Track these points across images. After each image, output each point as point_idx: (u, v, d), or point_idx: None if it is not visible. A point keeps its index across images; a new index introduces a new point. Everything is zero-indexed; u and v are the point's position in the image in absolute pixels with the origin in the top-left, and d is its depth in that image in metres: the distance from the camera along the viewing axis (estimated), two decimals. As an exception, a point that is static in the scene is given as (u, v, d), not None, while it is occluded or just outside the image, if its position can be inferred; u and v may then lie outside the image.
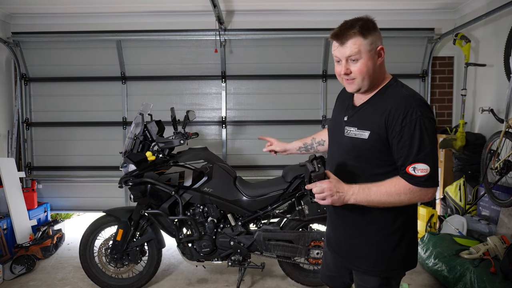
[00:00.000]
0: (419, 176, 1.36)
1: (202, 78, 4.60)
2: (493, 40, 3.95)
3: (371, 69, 1.44)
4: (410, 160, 1.37)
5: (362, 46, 1.42)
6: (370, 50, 1.42)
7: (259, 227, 3.07)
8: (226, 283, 3.30)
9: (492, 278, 2.65)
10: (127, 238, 3.08)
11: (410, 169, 1.36)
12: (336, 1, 4.28)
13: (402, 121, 1.37)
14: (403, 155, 1.38)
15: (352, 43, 1.42)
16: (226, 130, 4.60)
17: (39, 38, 4.46)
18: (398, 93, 1.44)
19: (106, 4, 4.27)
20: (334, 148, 1.64)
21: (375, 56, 1.44)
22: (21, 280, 3.40)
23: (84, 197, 4.68)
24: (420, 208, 4.25)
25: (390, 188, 1.39)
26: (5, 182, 3.94)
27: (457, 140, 3.92)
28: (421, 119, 1.36)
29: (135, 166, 2.94)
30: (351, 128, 1.50)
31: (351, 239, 1.60)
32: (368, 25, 1.44)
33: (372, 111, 1.46)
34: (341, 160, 1.55)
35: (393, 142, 1.40)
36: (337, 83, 5.20)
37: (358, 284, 1.63)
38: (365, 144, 1.45)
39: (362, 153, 1.47)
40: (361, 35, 1.42)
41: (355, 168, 1.51)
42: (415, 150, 1.36)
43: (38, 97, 4.65)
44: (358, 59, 1.43)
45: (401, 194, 1.39)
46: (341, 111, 1.63)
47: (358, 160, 1.49)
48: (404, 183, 1.39)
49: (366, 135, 1.44)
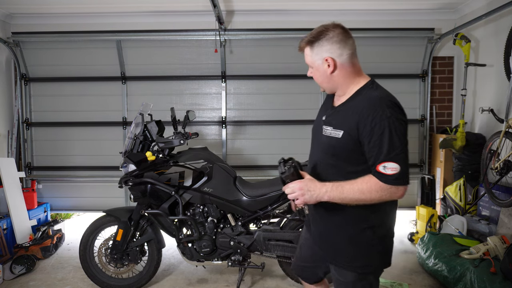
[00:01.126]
0: (389, 175, 1.40)
1: (202, 78, 4.61)
2: (493, 40, 3.95)
3: (323, 77, 1.56)
4: (381, 159, 1.41)
5: (309, 57, 1.58)
6: (316, 60, 1.55)
7: (259, 227, 3.07)
8: (226, 283, 3.30)
9: (492, 278, 2.65)
10: (127, 238, 3.08)
11: (380, 167, 1.41)
12: (336, 1, 4.28)
13: (372, 121, 1.41)
14: (373, 154, 1.42)
15: (305, 53, 1.60)
16: (226, 130, 4.60)
17: (39, 38, 4.47)
18: (370, 95, 1.49)
19: (106, 4, 4.27)
20: (314, 146, 1.70)
21: (323, 66, 1.54)
22: (21, 280, 3.40)
23: (84, 197, 4.69)
24: (420, 208, 4.26)
25: (362, 186, 1.44)
26: (5, 182, 3.94)
27: (457, 140, 3.92)
28: (391, 120, 1.40)
29: (135, 166, 2.94)
30: (327, 127, 1.57)
31: (329, 235, 1.65)
32: (318, 36, 1.54)
33: (346, 112, 1.52)
34: (319, 158, 1.62)
35: (364, 141, 1.44)
36: (337, 83, 5.06)
37: (336, 278, 1.67)
38: (339, 143, 1.50)
39: (337, 151, 1.52)
40: (308, 46, 1.57)
41: (331, 166, 1.57)
42: (385, 149, 1.40)
43: (38, 97, 4.65)
44: (312, 67, 1.59)
45: (372, 191, 1.43)
46: (322, 111, 1.70)
47: (333, 158, 1.55)
48: (376, 181, 1.43)
49: (340, 134, 1.49)
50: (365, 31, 4.45)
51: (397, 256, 3.88)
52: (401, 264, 3.67)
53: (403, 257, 3.87)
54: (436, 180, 4.53)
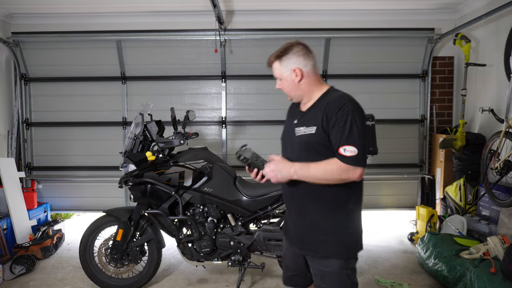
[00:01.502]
0: (348, 156, 1.62)
1: (202, 78, 4.61)
2: (493, 40, 3.95)
3: (291, 85, 1.81)
4: (342, 143, 1.63)
5: (278, 70, 1.81)
6: (285, 71, 1.79)
7: (259, 227, 3.07)
8: (226, 283, 3.30)
9: (492, 278, 2.65)
10: (127, 238, 3.08)
11: (341, 150, 1.63)
12: (336, 1, 4.28)
13: (336, 113, 1.66)
14: (337, 139, 1.65)
15: (274, 68, 1.83)
16: (226, 130, 4.60)
17: (39, 38, 4.47)
18: (334, 95, 1.78)
19: (106, 4, 4.27)
20: (288, 150, 1.87)
21: (291, 76, 1.79)
22: (21, 280, 3.40)
23: (84, 197, 4.68)
24: (420, 208, 4.26)
25: (326, 166, 1.65)
26: (5, 182, 3.94)
27: (457, 140, 3.92)
28: (351, 112, 1.65)
29: (135, 166, 2.94)
30: (300, 128, 1.78)
31: (310, 227, 1.79)
32: (285, 51, 1.78)
33: (315, 112, 1.76)
34: (295, 157, 1.79)
35: (330, 130, 1.68)
36: (338, 82, 5.21)
37: (319, 270, 1.79)
38: (313, 137, 1.72)
39: (311, 145, 1.73)
40: (277, 60, 1.80)
41: (306, 159, 1.74)
42: (346, 135, 1.63)
43: (38, 97, 4.65)
44: (280, 79, 1.84)
45: (333, 170, 1.64)
46: (291, 119, 1.91)
47: (309, 153, 1.74)
48: (337, 162, 1.64)
49: (313, 130, 1.72)
50: (365, 31, 4.45)
51: (397, 256, 3.89)
52: (401, 264, 3.67)
53: (403, 257, 3.87)
54: (436, 180, 4.53)
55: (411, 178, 4.71)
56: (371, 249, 4.06)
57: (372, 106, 4.51)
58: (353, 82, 4.57)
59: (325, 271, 1.77)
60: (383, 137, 4.16)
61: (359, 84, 4.58)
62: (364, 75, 4.58)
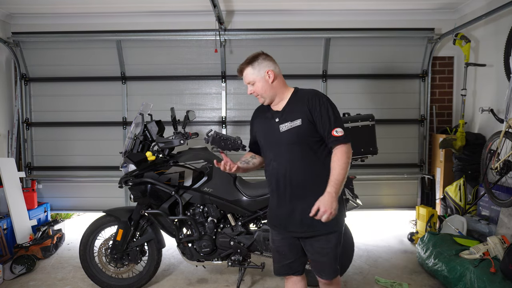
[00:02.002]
0: (340, 136, 1.95)
1: (202, 78, 4.61)
2: (493, 40, 3.95)
3: (265, 86, 2.06)
4: (332, 126, 1.96)
5: (252, 74, 2.06)
6: (259, 74, 2.05)
7: (259, 227, 3.07)
8: (226, 283, 3.30)
9: (492, 278, 2.65)
10: (127, 238, 3.08)
11: (334, 132, 1.95)
12: (336, 1, 4.29)
13: (318, 105, 1.98)
14: (326, 126, 1.96)
15: (246, 73, 2.08)
16: (226, 130, 4.60)
17: (39, 38, 4.47)
18: (307, 91, 2.08)
19: (106, 4, 4.27)
20: (274, 148, 2.07)
21: (265, 77, 2.05)
22: (21, 280, 3.40)
23: (84, 197, 4.68)
24: (420, 208, 4.26)
25: (339, 162, 1.92)
26: (5, 182, 3.94)
27: (457, 140, 3.92)
28: (328, 102, 2.01)
29: (135, 166, 2.94)
30: (285, 123, 2.02)
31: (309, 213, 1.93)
32: (255, 58, 2.06)
33: (295, 107, 2.03)
34: (286, 150, 2.02)
35: (317, 120, 1.97)
36: (337, 83, 5.15)
37: (321, 247, 2.03)
38: (300, 128, 1.98)
39: (299, 135, 1.99)
40: (249, 66, 2.06)
41: (297, 149, 2.01)
42: (332, 120, 1.97)
43: (38, 97, 4.65)
44: (253, 83, 2.07)
45: (344, 159, 1.93)
46: (267, 120, 2.12)
47: (298, 142, 2.00)
48: (338, 150, 1.95)
49: (299, 122, 1.99)
50: (365, 31, 4.45)
51: (397, 256, 3.89)
52: (401, 264, 3.67)
53: (403, 257, 3.87)
54: (436, 180, 4.53)
55: (411, 178, 4.70)
56: (371, 249, 4.06)
57: (372, 106, 4.52)
58: (353, 82, 4.57)
59: (326, 247, 2.03)
60: (383, 137, 4.16)
61: (359, 84, 4.58)
62: (364, 75, 4.58)
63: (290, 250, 2.13)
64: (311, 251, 2.08)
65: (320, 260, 2.07)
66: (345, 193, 2.98)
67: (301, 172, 2.00)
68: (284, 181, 2.03)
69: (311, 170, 2.00)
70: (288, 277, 2.22)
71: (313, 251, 2.07)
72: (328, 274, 2.10)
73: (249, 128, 2.37)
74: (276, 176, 2.05)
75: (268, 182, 2.15)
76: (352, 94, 4.56)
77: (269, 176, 2.12)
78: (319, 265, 2.10)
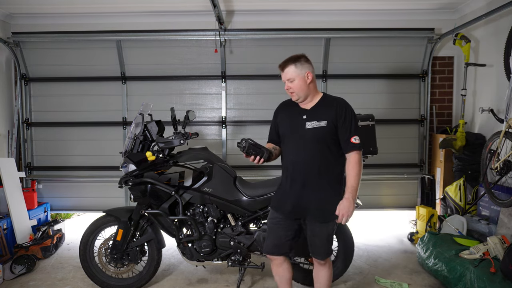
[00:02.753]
0: (357, 143, 2.27)
1: (202, 78, 4.61)
2: (493, 40, 3.95)
3: (303, 86, 2.30)
4: (352, 134, 2.27)
5: (294, 72, 2.28)
6: (300, 73, 2.29)
7: (259, 227, 3.07)
8: (226, 283, 3.30)
9: (492, 278, 2.65)
10: (127, 238, 3.08)
11: (353, 139, 2.27)
12: (336, 1, 4.29)
13: (344, 113, 2.28)
14: (347, 132, 2.27)
15: (288, 70, 2.30)
16: (226, 130, 4.60)
17: (39, 38, 4.47)
18: (336, 99, 2.38)
19: (106, 4, 4.27)
20: (298, 141, 2.32)
21: (305, 77, 2.29)
22: (21, 280, 3.40)
23: (84, 197, 4.69)
24: (420, 208, 4.26)
25: (354, 170, 2.26)
26: (5, 182, 3.94)
27: (457, 140, 3.92)
28: (352, 112, 2.32)
29: (135, 166, 2.94)
30: (311, 122, 2.29)
31: (320, 201, 2.31)
32: (298, 58, 2.30)
33: (323, 110, 2.32)
34: (307, 144, 2.29)
35: (340, 126, 2.28)
36: (337, 83, 5.17)
37: (321, 231, 2.34)
38: (324, 130, 2.28)
39: (322, 135, 2.28)
40: (293, 64, 2.29)
41: (317, 146, 2.29)
42: (353, 129, 2.29)
43: (38, 97, 4.65)
44: (293, 80, 2.30)
45: (357, 166, 2.27)
46: (295, 115, 2.37)
47: (319, 140, 2.29)
48: (353, 157, 2.27)
49: (324, 123, 2.28)
50: (365, 31, 4.45)
51: (397, 256, 3.89)
52: (401, 264, 3.67)
53: (403, 257, 3.87)
54: (436, 180, 4.53)
55: (411, 178, 4.70)
56: (371, 249, 4.07)
57: (372, 106, 4.52)
58: (353, 82, 4.57)
59: (325, 232, 2.35)
60: (383, 137, 4.16)
61: (359, 84, 4.58)
62: (364, 75, 4.58)
63: (286, 230, 2.41)
64: (311, 234, 2.37)
65: (318, 242, 2.38)
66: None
67: (317, 165, 2.29)
68: (301, 170, 2.31)
69: (326, 165, 2.29)
70: (273, 258, 2.49)
71: (313, 234, 2.37)
72: (323, 254, 2.41)
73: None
74: (294, 165, 2.33)
75: (285, 169, 2.40)
76: (352, 94, 4.55)
77: (287, 163, 2.38)
78: (317, 247, 2.39)
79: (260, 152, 2.24)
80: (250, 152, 2.22)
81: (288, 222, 2.41)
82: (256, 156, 2.24)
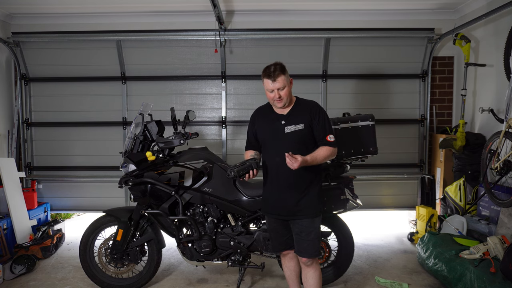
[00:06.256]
0: (332, 141, 2.45)
1: (202, 78, 4.61)
2: (493, 40, 3.95)
3: (288, 92, 2.44)
4: (327, 133, 2.45)
5: (284, 80, 2.40)
6: (287, 81, 2.42)
7: (259, 227, 3.07)
8: (226, 283, 3.30)
9: (492, 278, 2.65)
10: (127, 238, 3.08)
11: (328, 137, 2.44)
12: (336, 1, 4.29)
13: (318, 114, 2.46)
14: (322, 132, 2.45)
15: (280, 79, 2.38)
16: (226, 130, 4.60)
17: (39, 38, 4.47)
18: (310, 102, 2.55)
19: (106, 4, 4.27)
20: (278, 145, 2.46)
21: (289, 85, 2.45)
22: (21, 280, 3.40)
23: (84, 197, 4.69)
24: (420, 208, 4.26)
25: (324, 153, 2.42)
26: (5, 182, 3.94)
27: (457, 140, 3.92)
28: (325, 114, 2.51)
29: (135, 166, 2.94)
30: (290, 126, 2.45)
31: (302, 199, 2.45)
32: (284, 67, 2.43)
33: (299, 114, 2.47)
34: (287, 147, 2.37)
35: (315, 126, 2.45)
36: (337, 83, 5.15)
37: (307, 227, 2.45)
38: (302, 132, 2.44)
39: (301, 138, 2.44)
40: (282, 73, 2.40)
41: (296, 147, 2.40)
42: (327, 128, 2.47)
43: (38, 97, 4.65)
44: (283, 88, 2.40)
45: (328, 152, 2.44)
46: (273, 121, 2.50)
47: (299, 143, 2.44)
48: (328, 148, 2.44)
49: (301, 126, 2.44)
50: (365, 31, 4.45)
51: (397, 256, 3.89)
52: (401, 264, 3.67)
53: (403, 257, 3.87)
54: (436, 180, 4.53)
55: (411, 178, 4.70)
56: (371, 249, 4.07)
57: (372, 106, 4.52)
58: (353, 82, 4.57)
59: (312, 227, 2.47)
60: (383, 137, 4.16)
61: (359, 84, 4.58)
62: (364, 75, 4.58)
63: (285, 227, 2.56)
64: (298, 231, 2.48)
65: (305, 239, 2.47)
66: (345, 193, 2.99)
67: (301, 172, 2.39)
68: (284, 171, 2.40)
69: (307, 171, 2.43)
70: (285, 253, 2.64)
71: (299, 230, 2.48)
72: (311, 252, 2.48)
73: None
74: (278, 168, 2.45)
75: (268, 173, 2.54)
76: (352, 94, 4.57)
77: (270, 167, 2.51)
78: (304, 244, 2.48)
79: (249, 167, 2.37)
80: (243, 174, 2.37)
81: (283, 221, 2.54)
82: (248, 172, 2.38)
